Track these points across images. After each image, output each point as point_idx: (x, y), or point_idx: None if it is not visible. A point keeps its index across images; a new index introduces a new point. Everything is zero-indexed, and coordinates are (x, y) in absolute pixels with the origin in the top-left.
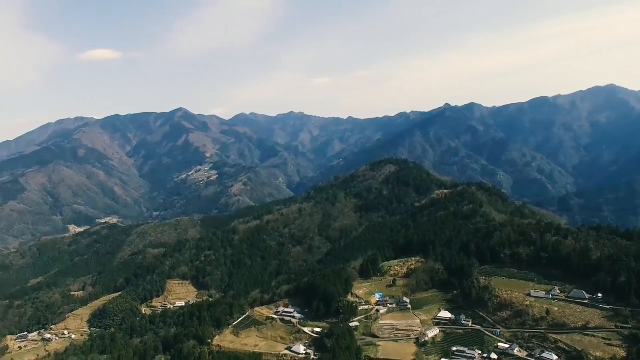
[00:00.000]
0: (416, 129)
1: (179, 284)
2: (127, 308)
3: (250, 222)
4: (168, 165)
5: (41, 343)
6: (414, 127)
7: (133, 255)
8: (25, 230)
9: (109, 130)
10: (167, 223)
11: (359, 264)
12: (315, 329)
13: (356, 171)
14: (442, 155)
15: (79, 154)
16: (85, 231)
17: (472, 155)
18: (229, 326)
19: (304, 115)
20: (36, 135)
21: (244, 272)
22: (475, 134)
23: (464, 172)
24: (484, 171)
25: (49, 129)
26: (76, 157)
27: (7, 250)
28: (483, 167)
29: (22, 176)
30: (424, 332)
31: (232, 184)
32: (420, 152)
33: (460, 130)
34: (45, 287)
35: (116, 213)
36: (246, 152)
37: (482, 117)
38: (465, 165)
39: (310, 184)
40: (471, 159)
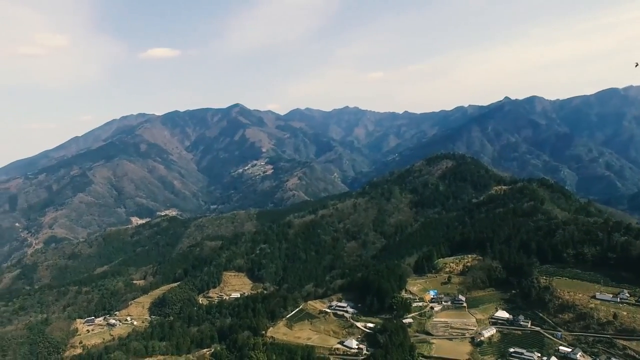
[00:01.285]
0: (474, 123)
1: (234, 275)
2: (185, 298)
3: (305, 217)
4: (225, 159)
5: (106, 327)
6: (472, 122)
7: (191, 247)
8: (92, 221)
9: (169, 125)
10: (224, 216)
11: (413, 260)
12: (368, 324)
13: (412, 166)
14: (501, 150)
15: (141, 149)
16: (146, 223)
17: (533, 151)
18: (283, 318)
19: (358, 110)
20: (102, 131)
21: (298, 266)
22: (536, 129)
23: (524, 168)
24: (546, 167)
25: (113, 125)
26: (138, 152)
27: (76, 240)
28: (545, 163)
29: (89, 170)
30: (480, 332)
31: (287, 178)
32: (478, 147)
33: (521, 124)
34: (110, 275)
35: (175, 206)
36: (301, 147)
37: (544, 111)
38: (526, 161)
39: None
40: (532, 154)
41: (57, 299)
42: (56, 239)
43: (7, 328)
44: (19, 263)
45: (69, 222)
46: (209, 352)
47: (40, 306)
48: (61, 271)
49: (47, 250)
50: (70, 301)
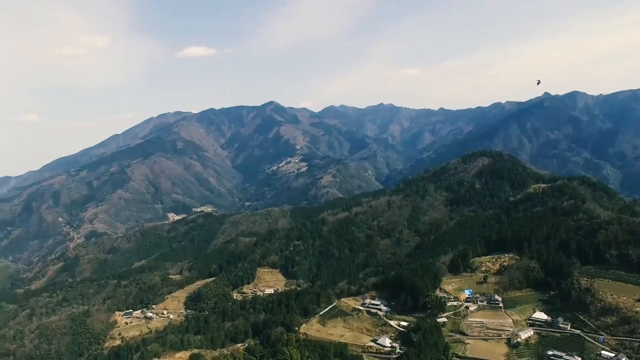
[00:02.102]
0: (512, 120)
1: (268, 272)
2: (219, 293)
3: (338, 214)
4: (259, 156)
5: (144, 320)
6: (510, 118)
7: (226, 243)
8: (130, 216)
9: (205, 123)
10: (258, 213)
11: (448, 258)
12: (401, 323)
13: (447, 164)
14: (539, 147)
15: (177, 146)
16: (182, 219)
17: (574, 148)
18: (316, 315)
19: (393, 106)
20: (140, 129)
21: (332, 263)
22: (577, 125)
23: (564, 165)
24: (588, 165)
25: (151, 122)
26: (175, 149)
27: (115, 235)
28: (586, 161)
29: (127, 167)
30: (517, 333)
31: (321, 175)
32: (516, 144)
33: (561, 120)
34: (147, 270)
35: (211, 202)
36: (335, 144)
37: (586, 107)
38: (566, 159)
39: (400, 176)
40: (573, 151)
41: (97, 291)
42: (96, 234)
43: (52, 318)
44: (62, 256)
45: (109, 218)
46: (242, 347)
47: (81, 298)
48: (101, 265)
49: (88, 244)
50: (109, 294)
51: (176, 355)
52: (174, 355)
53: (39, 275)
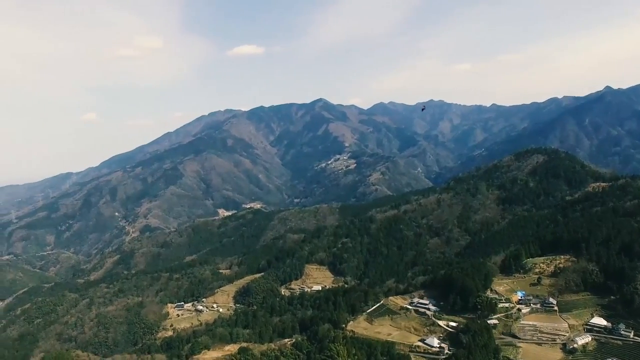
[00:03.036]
0: (569, 115)
1: (316, 268)
2: (268, 288)
3: (387, 212)
4: (308, 154)
5: (194, 313)
6: (567, 114)
7: (275, 239)
8: (182, 212)
9: (254, 121)
10: (307, 210)
11: (500, 259)
12: (450, 323)
13: (499, 161)
14: (599, 144)
15: (227, 144)
16: (232, 215)
17: (639, 145)
18: (363, 313)
19: (444, 103)
20: (192, 127)
21: (380, 261)
22: None
23: (627, 163)
24: None
25: (202, 120)
26: (225, 147)
27: (168, 229)
28: None
29: (180, 164)
30: (573, 338)
31: (370, 173)
32: (574, 141)
33: (624, 116)
34: (198, 264)
35: (260, 199)
36: (384, 142)
37: None
38: (629, 156)
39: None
40: (637, 148)
41: (150, 283)
42: (150, 228)
43: (109, 308)
44: (118, 249)
45: (162, 213)
46: (290, 342)
47: (136, 290)
48: (154, 258)
49: (142, 238)
50: (162, 286)
51: (225, 348)
52: (223, 347)
53: (98, 267)
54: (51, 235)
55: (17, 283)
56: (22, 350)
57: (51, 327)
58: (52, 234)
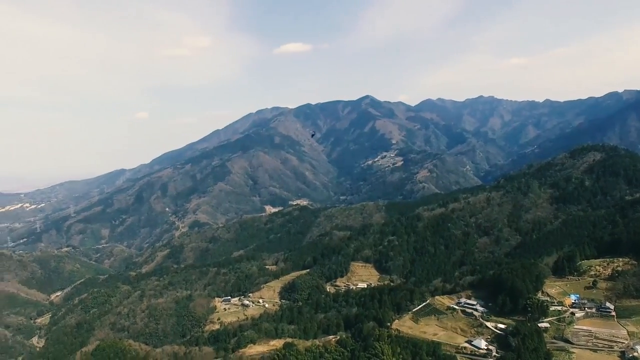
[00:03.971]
0: (631, 110)
1: (362, 266)
2: (313, 285)
3: (434, 210)
4: (355, 151)
5: (241, 307)
6: (628, 109)
7: (320, 236)
8: (230, 208)
9: (301, 118)
10: (353, 207)
11: (552, 260)
12: (499, 325)
13: (553, 159)
14: None
15: (275, 141)
16: (279, 211)
17: None
18: (409, 312)
19: (494, 99)
20: (240, 124)
21: (426, 260)
22: None
23: None
24: None
25: (250, 118)
26: (272, 144)
27: (216, 225)
28: None
29: (228, 161)
30: (633, 346)
31: (417, 170)
32: (635, 137)
33: None
34: (245, 260)
35: (306, 196)
36: (432, 139)
37: None
38: None
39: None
40: None
41: (199, 277)
42: (199, 224)
43: (159, 300)
44: (169, 244)
45: (210, 209)
46: (334, 339)
47: (185, 283)
48: (203, 253)
49: (191, 233)
50: (210, 281)
51: (270, 343)
52: (268, 342)
53: (149, 260)
54: (106, 229)
55: (75, 274)
56: (79, 338)
57: (105, 317)
58: (107, 227)
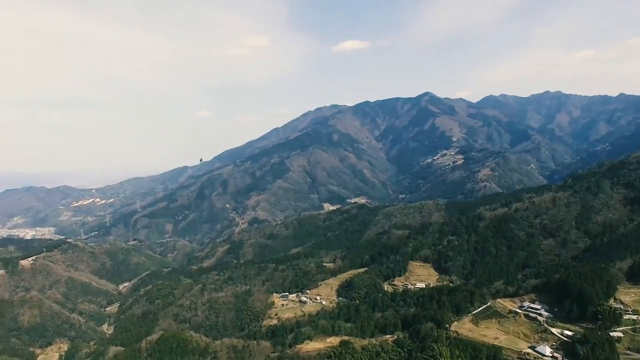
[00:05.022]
0: None
1: (420, 266)
2: (370, 283)
3: (496, 209)
4: (414, 149)
5: (298, 304)
6: None
7: (379, 235)
8: (289, 205)
9: (359, 116)
10: (412, 206)
11: (626, 265)
12: (565, 332)
13: (627, 157)
14: None
15: (333, 139)
16: (337, 209)
17: None
18: (468, 314)
19: (561, 94)
20: (298, 122)
21: (488, 261)
22: None
23: None
24: None
25: (308, 116)
26: (331, 142)
27: (275, 222)
28: None
29: (287, 158)
30: None
31: (478, 169)
32: None
33: None
34: (303, 257)
35: (365, 194)
36: (494, 136)
37: None
38: None
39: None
40: None
41: (257, 273)
42: (258, 220)
43: (219, 294)
44: (229, 239)
45: (269, 206)
46: (391, 338)
47: (244, 278)
48: (261, 249)
49: (250, 229)
50: (268, 276)
51: (327, 340)
52: (325, 339)
53: (210, 255)
54: (169, 224)
55: (141, 266)
56: (144, 327)
57: (169, 308)
58: (170, 222)
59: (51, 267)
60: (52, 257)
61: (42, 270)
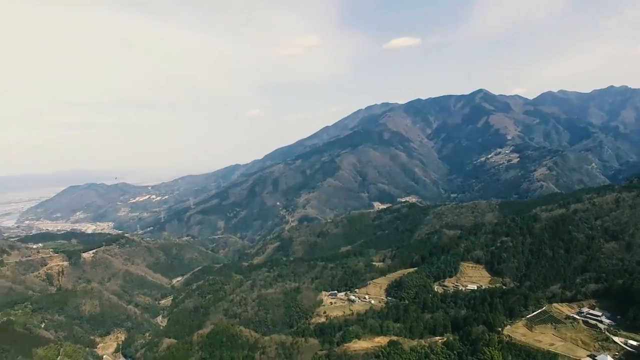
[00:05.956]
0: None
1: (472, 267)
2: (420, 283)
3: (554, 210)
4: (467, 147)
5: (347, 302)
6: None
7: (429, 234)
8: (338, 203)
9: (411, 114)
10: (464, 205)
11: None
12: (629, 342)
13: None
14: None
15: (384, 137)
16: (387, 208)
17: None
18: (522, 318)
19: (627, 89)
20: (349, 121)
21: (544, 264)
22: None
23: None
24: None
25: (359, 114)
26: (381, 140)
27: (324, 220)
28: None
29: (337, 157)
30: None
31: (534, 168)
32: None
33: None
34: (352, 255)
35: (415, 193)
36: (552, 134)
37: None
38: None
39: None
40: None
41: (307, 271)
42: (308, 218)
43: (269, 290)
44: (279, 237)
45: (319, 204)
46: (441, 340)
47: (293, 275)
48: (311, 247)
49: (300, 227)
50: (317, 274)
51: (375, 339)
52: (373, 339)
53: (260, 252)
54: (221, 220)
55: (194, 261)
56: (196, 320)
57: (219, 303)
58: (222, 219)
59: (110, 260)
60: (110, 251)
61: (101, 263)
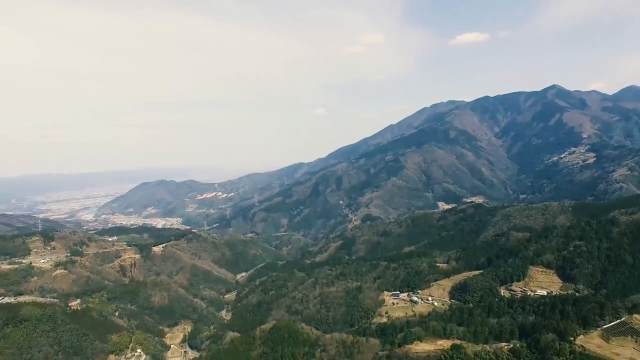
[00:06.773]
0: None
1: (541, 271)
2: (486, 287)
3: (635, 214)
4: (538, 146)
5: (409, 303)
6: None
7: (496, 236)
8: (402, 203)
9: (478, 111)
10: (534, 207)
11: None
12: None
13: None
14: None
15: (450, 136)
16: (452, 208)
17: None
18: (598, 328)
19: None
20: (414, 119)
21: (622, 271)
22: None
23: None
24: None
25: (424, 113)
26: (447, 139)
27: (388, 219)
28: None
29: (401, 155)
30: None
31: (613, 168)
32: None
33: None
34: (416, 256)
35: (482, 193)
36: (635, 132)
37: None
38: None
39: None
40: None
41: (369, 270)
42: (371, 217)
43: (331, 289)
44: (341, 235)
45: (382, 203)
46: (507, 346)
47: (355, 275)
48: (373, 246)
49: (363, 226)
50: (379, 274)
51: (437, 342)
52: (436, 342)
53: (322, 250)
54: (285, 218)
55: (257, 258)
56: (259, 316)
57: (282, 300)
58: (286, 217)
59: (178, 255)
60: (179, 245)
61: (170, 257)
